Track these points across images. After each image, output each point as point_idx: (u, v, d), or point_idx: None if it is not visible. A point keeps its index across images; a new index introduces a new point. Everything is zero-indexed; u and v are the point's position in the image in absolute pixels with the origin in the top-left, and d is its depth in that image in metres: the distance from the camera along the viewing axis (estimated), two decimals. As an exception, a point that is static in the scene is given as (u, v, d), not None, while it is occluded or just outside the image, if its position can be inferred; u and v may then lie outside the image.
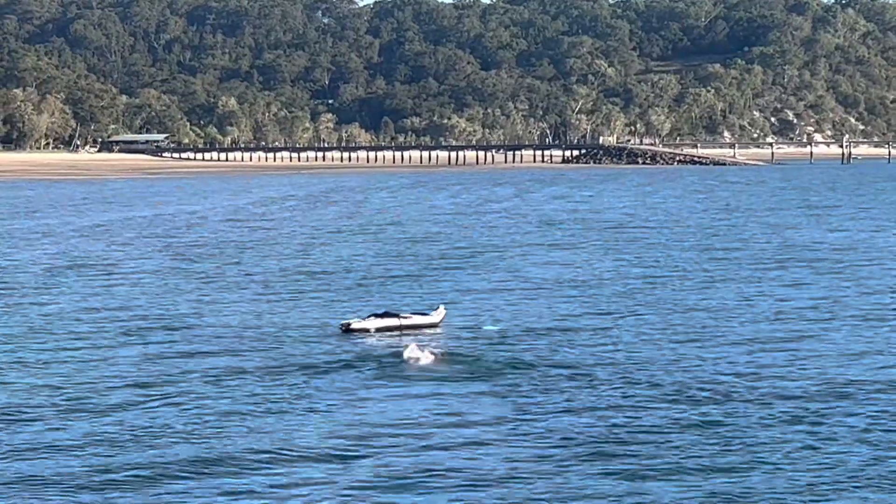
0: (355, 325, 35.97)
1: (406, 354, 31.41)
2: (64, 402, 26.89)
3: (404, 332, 35.48)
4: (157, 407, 26.43)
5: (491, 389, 28.11)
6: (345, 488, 20.59)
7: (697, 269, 52.99)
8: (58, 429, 24.58)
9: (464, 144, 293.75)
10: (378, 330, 35.70)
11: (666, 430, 24.07)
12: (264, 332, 36.04)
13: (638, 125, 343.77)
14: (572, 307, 41.33)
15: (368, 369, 30.49)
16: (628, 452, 22.55)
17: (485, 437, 23.85)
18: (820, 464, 21.82)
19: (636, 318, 38.71)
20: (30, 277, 51.41)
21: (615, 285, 47.44)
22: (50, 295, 45.47)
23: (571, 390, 27.81)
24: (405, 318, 36.66)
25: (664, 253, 60.83)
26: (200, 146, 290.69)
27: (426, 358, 31.18)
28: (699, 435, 23.73)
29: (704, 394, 27.30)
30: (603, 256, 59.27)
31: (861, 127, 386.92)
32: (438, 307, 38.20)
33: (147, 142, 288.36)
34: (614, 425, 24.58)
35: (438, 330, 36.15)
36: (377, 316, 36.77)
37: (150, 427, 24.70)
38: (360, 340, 34.57)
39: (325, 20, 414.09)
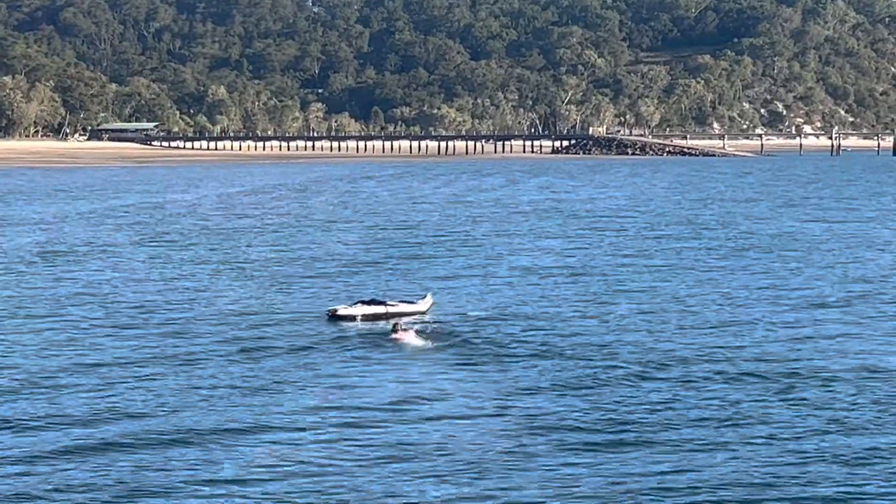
0: (342, 311, 36.17)
1: (392, 338, 31.70)
2: (56, 382, 27.11)
3: (391, 319, 35.67)
4: (141, 386, 26.70)
5: (476, 372, 28.38)
6: (328, 466, 20.82)
7: (678, 257, 53.30)
8: (47, 404, 24.80)
9: (453, 134, 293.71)
10: (365, 317, 35.91)
11: (648, 411, 24.34)
12: (251, 318, 36.26)
13: (627, 116, 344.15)
14: (558, 294, 41.59)
15: (353, 353, 30.79)
16: (611, 432, 22.82)
17: (469, 417, 24.16)
18: (792, 439, 22.14)
19: (619, 304, 38.97)
20: (17, 263, 51.48)
21: (599, 272, 47.72)
22: (38, 280, 45.59)
23: (554, 373, 28.08)
24: (392, 305, 36.85)
25: (647, 242, 61.13)
26: (190, 135, 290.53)
27: (412, 342, 31.42)
28: (678, 414, 24.01)
29: (685, 374, 27.59)
30: (588, 245, 59.57)
31: (850, 119, 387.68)
32: (426, 296, 38.40)
33: (136, 130, 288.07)
34: (597, 406, 24.86)
35: (425, 317, 36.34)
36: (364, 303, 36.98)
37: (134, 402, 25.01)
38: (346, 326, 34.80)
39: (316, 9, 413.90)
